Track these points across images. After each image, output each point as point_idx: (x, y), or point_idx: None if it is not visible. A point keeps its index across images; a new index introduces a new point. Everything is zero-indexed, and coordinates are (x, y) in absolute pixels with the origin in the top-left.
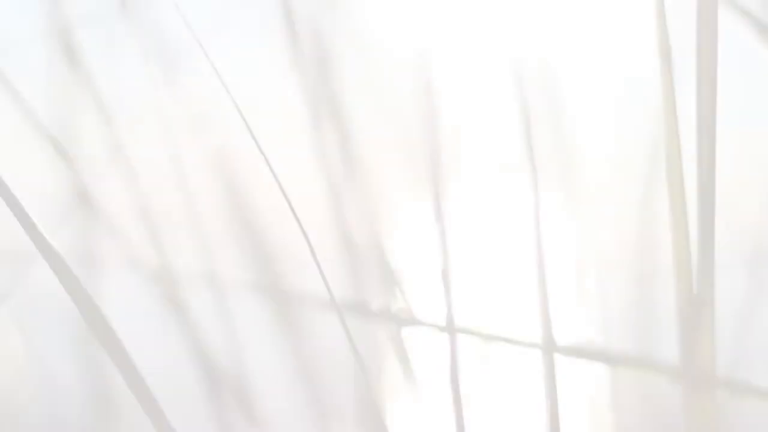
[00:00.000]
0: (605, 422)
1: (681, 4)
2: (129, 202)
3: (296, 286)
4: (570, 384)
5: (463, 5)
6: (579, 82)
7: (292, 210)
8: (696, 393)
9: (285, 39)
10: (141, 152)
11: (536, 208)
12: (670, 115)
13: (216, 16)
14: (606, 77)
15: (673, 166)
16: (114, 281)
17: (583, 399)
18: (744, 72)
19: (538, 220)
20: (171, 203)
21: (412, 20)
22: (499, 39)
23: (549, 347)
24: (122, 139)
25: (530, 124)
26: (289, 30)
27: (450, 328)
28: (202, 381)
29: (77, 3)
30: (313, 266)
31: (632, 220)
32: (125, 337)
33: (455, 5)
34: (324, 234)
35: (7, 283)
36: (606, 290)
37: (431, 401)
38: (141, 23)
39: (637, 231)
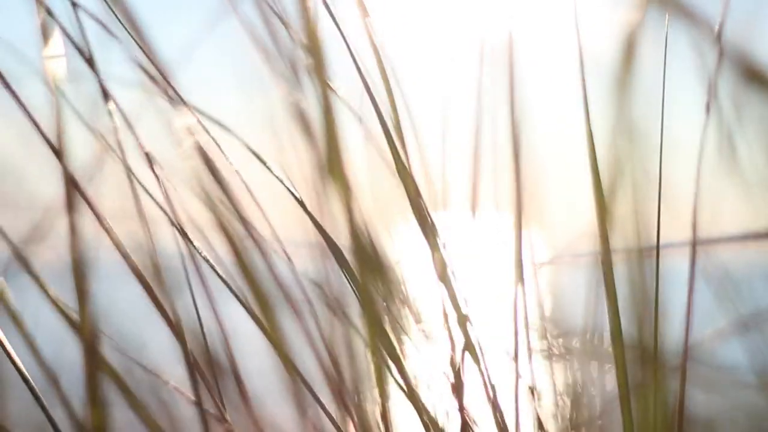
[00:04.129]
0: (549, 406)
1: None
2: (118, 200)
3: (280, 280)
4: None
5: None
6: (538, 75)
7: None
8: (642, 374)
9: (265, 44)
10: (129, 155)
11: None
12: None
13: (199, 23)
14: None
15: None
16: (102, 274)
17: (525, 384)
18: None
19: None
20: (158, 203)
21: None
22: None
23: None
24: (112, 145)
25: (488, 121)
26: (269, 35)
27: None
28: (186, 370)
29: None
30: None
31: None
32: (114, 328)
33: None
34: (304, 233)
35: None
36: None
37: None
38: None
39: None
